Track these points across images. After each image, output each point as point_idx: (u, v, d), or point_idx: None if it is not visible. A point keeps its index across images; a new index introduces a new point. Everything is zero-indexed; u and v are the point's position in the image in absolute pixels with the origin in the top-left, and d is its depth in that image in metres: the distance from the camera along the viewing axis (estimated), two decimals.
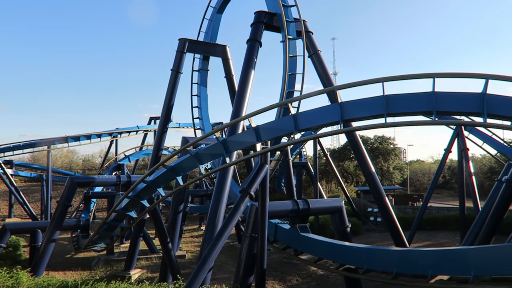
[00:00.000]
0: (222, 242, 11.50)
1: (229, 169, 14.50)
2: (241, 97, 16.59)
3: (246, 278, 12.01)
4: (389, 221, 18.54)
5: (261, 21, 18.22)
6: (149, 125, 44.12)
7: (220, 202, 14.05)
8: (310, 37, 19.44)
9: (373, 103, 10.34)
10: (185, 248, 26.06)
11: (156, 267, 20.78)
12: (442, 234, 29.18)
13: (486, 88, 9.53)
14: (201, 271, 10.94)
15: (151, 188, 13.63)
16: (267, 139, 11.64)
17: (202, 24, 24.74)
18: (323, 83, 19.49)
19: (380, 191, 18.62)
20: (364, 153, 19.12)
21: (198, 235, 31.51)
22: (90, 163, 71.74)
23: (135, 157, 41.56)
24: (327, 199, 20.10)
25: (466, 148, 24.31)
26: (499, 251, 8.78)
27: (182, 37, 22.42)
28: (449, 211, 34.09)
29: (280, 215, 14.50)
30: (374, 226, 33.05)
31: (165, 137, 22.58)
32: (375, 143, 59.14)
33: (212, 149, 12.15)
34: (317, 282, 18.29)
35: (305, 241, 14.24)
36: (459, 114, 11.29)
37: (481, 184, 43.51)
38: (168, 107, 22.23)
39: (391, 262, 11.05)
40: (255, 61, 17.51)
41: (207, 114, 25.04)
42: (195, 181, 14.19)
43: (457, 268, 9.38)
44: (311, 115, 11.12)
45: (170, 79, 22.30)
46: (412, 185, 62.94)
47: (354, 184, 53.18)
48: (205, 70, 25.07)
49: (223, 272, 19.86)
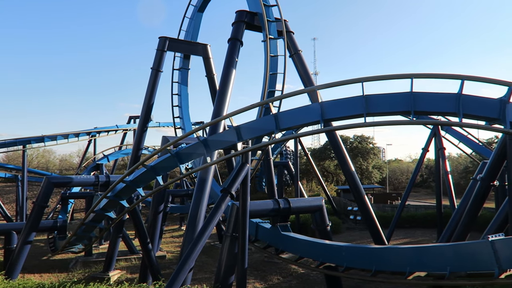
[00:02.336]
0: (203, 242, 11.43)
1: (210, 169, 14.43)
2: (222, 97, 16.52)
3: (227, 278, 11.97)
4: (369, 220, 18.81)
5: (242, 21, 18.19)
6: (128, 124, 43.47)
7: (201, 201, 13.96)
8: (291, 37, 19.53)
9: (353, 103, 10.48)
10: (165, 248, 25.81)
11: (136, 268, 20.51)
12: (420, 232, 29.80)
13: (461, 88, 9.78)
14: (181, 271, 10.84)
15: (130, 188, 13.44)
16: (248, 138, 11.64)
17: (182, 22, 24.57)
18: (303, 82, 19.61)
19: (360, 190, 18.86)
20: (344, 153, 19.33)
21: (178, 235, 31.26)
22: (68, 163, 70.27)
23: (114, 156, 40.88)
24: (307, 198, 20.23)
25: (442, 148, 24.86)
26: (473, 248, 9.01)
27: (162, 35, 22.20)
28: (426, 209, 34.84)
29: (261, 215, 14.51)
30: (354, 224, 33.48)
31: (145, 137, 22.29)
32: (355, 142, 59.97)
33: (193, 148, 12.06)
34: (298, 280, 18.40)
35: (286, 240, 14.30)
36: (436, 114, 11.54)
37: (457, 183, 44.59)
38: (148, 106, 21.95)
39: (370, 260, 11.21)
40: (236, 60, 17.48)
41: (188, 113, 24.86)
42: (176, 180, 14.07)
43: (434, 264, 9.59)
44: (292, 115, 11.18)
45: (150, 77, 22.04)
46: (390, 183, 64.03)
47: (334, 183, 53.79)
48: (186, 69, 24.88)
49: (203, 272, 19.76)
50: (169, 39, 22.35)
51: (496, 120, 9.94)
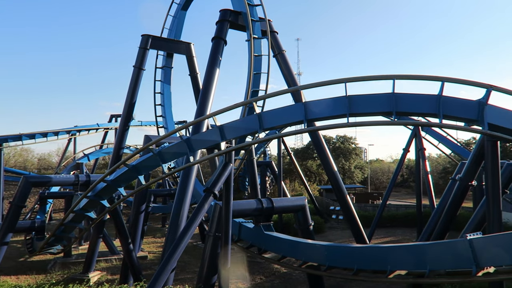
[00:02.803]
0: (185, 242, 11.34)
1: (193, 168, 14.33)
2: (205, 96, 16.42)
3: (210, 278, 11.91)
4: (351, 219, 18.98)
5: (226, 19, 18.12)
6: (110, 123, 42.76)
7: (184, 201, 13.85)
8: (275, 37, 19.55)
9: (336, 103, 10.55)
10: (147, 248, 25.52)
11: (116, 269, 20.21)
12: (401, 231, 30.27)
13: (442, 90, 9.95)
14: (163, 272, 10.74)
15: (111, 187, 13.22)
16: (232, 138, 11.58)
17: (166, 20, 24.32)
18: (287, 82, 19.66)
19: (342, 190, 19.03)
20: (326, 153, 19.46)
21: (160, 235, 30.95)
22: (47, 162, 68.69)
23: (94, 155, 40.17)
24: (290, 198, 20.29)
25: (423, 148, 25.32)
26: (452, 246, 9.18)
27: (145, 33, 21.95)
28: (407, 208, 35.43)
29: (244, 214, 14.49)
30: (336, 223, 33.78)
31: (127, 136, 22.00)
32: (338, 142, 60.57)
33: (176, 147, 11.94)
34: (281, 280, 18.45)
35: (268, 239, 14.31)
36: (417, 115, 11.71)
37: (436, 183, 45.47)
38: (130, 105, 21.66)
39: (352, 259, 11.31)
40: (220, 59, 17.40)
41: (171, 112, 24.63)
42: (158, 180, 13.94)
43: (414, 263, 9.74)
44: (276, 114, 11.18)
45: (132, 76, 21.76)
46: (372, 183, 64.90)
47: (317, 182, 54.17)
48: (169, 67, 24.64)
49: (186, 272, 19.62)
50: (152, 37, 22.12)
51: (474, 122, 10.16)
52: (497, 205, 10.80)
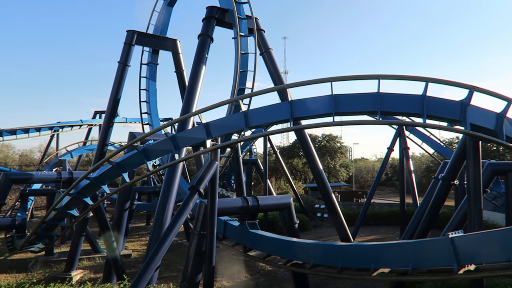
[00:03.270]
0: (170, 240, 11.25)
1: (178, 166, 14.21)
2: (191, 93, 16.29)
3: (195, 276, 11.85)
4: (335, 217, 19.13)
5: (212, 17, 18.00)
6: (94, 120, 42.20)
7: (168, 199, 13.74)
8: (262, 35, 19.52)
9: (322, 102, 10.59)
10: (131, 247, 25.27)
11: (99, 267, 19.96)
12: (384, 229, 30.63)
13: (426, 90, 10.08)
14: (147, 270, 10.63)
15: (95, 185, 13.03)
16: (218, 135, 11.53)
17: (151, 16, 24.03)
18: (274, 81, 19.66)
19: (327, 188, 19.14)
20: (312, 151, 19.55)
21: (145, 233, 30.69)
22: (28, 159, 67.35)
23: (78, 152, 39.59)
24: (276, 196, 20.34)
25: (407, 147, 25.62)
26: (434, 244, 9.31)
27: (130, 29, 21.66)
28: (390, 206, 35.87)
29: (230, 212, 14.45)
30: (321, 222, 34.00)
31: (111, 132, 21.70)
32: (323, 141, 60.96)
33: (161, 145, 11.83)
34: (266, 278, 18.49)
35: (254, 237, 14.29)
36: (401, 114, 11.85)
37: (420, 181, 46.22)
38: (114, 101, 21.36)
39: (337, 257, 11.37)
40: (207, 56, 17.29)
41: (156, 109, 24.41)
42: (143, 178, 13.77)
43: (397, 261, 9.84)
44: (262, 113, 11.17)
45: (117, 72, 21.46)
46: (357, 182, 65.54)
47: (302, 181, 54.42)
48: (154, 64, 24.40)
49: (170, 270, 19.49)
50: (137, 32, 21.85)
51: (457, 122, 10.33)
52: (478, 204, 11.01)
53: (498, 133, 10.25)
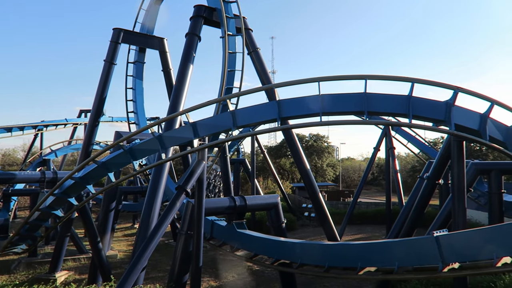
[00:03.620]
0: (156, 240, 11.15)
1: (165, 166, 14.11)
2: (178, 92, 16.19)
3: (181, 276, 11.78)
4: (322, 217, 19.24)
5: (200, 15, 17.92)
6: (79, 119, 41.62)
7: (155, 199, 13.62)
8: (250, 34, 19.51)
9: (310, 101, 10.62)
10: (117, 247, 24.99)
11: (85, 268, 19.68)
12: (370, 228, 30.92)
13: (412, 91, 10.19)
14: (133, 271, 10.52)
15: (80, 185, 12.82)
16: (205, 135, 11.47)
17: (138, 14, 23.83)
18: (261, 80, 19.67)
19: (315, 188, 19.23)
20: (299, 151, 19.62)
21: (131, 233, 30.39)
22: (11, 158, 66.06)
23: (62, 152, 39.00)
24: (263, 196, 20.37)
25: (393, 147, 25.92)
26: (420, 243, 9.43)
27: (116, 27, 21.42)
28: (376, 206, 36.22)
29: (217, 212, 14.40)
30: (308, 221, 34.14)
31: (97, 131, 21.47)
32: (310, 141, 61.23)
33: (147, 144, 11.71)
34: (253, 277, 18.49)
35: (241, 237, 14.27)
36: (387, 114, 11.96)
37: (405, 181, 46.70)
38: (100, 100, 21.11)
39: (323, 256, 11.43)
40: (194, 55, 17.20)
41: (143, 108, 24.21)
42: (129, 177, 13.65)
43: (383, 260, 9.93)
44: (250, 112, 11.15)
45: (103, 70, 21.21)
46: (343, 181, 66.01)
47: (289, 180, 54.57)
48: (141, 62, 24.20)
49: (157, 271, 19.34)
50: (123, 31, 21.63)
51: (442, 122, 10.47)
52: (462, 203, 11.19)
53: (482, 133, 10.44)
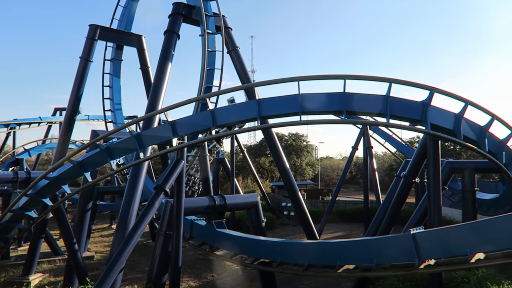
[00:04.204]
0: (134, 241, 10.98)
1: (143, 165, 13.89)
2: (157, 90, 15.97)
3: (160, 277, 11.65)
4: (302, 215, 19.36)
5: (179, 13, 17.72)
6: (53, 117, 40.44)
7: (133, 199, 13.40)
8: (229, 33, 19.43)
9: (289, 101, 10.66)
10: (93, 248, 24.51)
11: (60, 270, 19.21)
12: (349, 226, 31.33)
13: (389, 91, 10.35)
14: (111, 272, 10.32)
15: (54, 185, 12.49)
16: (184, 134, 11.36)
17: (115, 11, 23.38)
18: (241, 79, 19.62)
19: (294, 186, 19.33)
20: (279, 150, 19.68)
21: (108, 234, 29.87)
22: None
23: (36, 151, 37.96)
24: (243, 195, 20.32)
25: (370, 146, 26.32)
26: (397, 241, 9.61)
27: (93, 23, 20.94)
28: (355, 204, 36.73)
29: (196, 212, 14.29)
30: (287, 220, 34.31)
31: (72, 130, 20.93)
32: (290, 140, 61.57)
33: (125, 143, 11.50)
34: (232, 277, 18.44)
35: (221, 237, 14.22)
36: (365, 114, 12.12)
37: (382, 179, 47.53)
38: (76, 98, 20.59)
39: (303, 255, 11.51)
40: (173, 53, 16.99)
41: (120, 106, 23.75)
42: (106, 177, 13.38)
43: (361, 257, 10.07)
44: (229, 111, 11.12)
45: (79, 67, 20.68)
46: (322, 180, 66.66)
47: (269, 179, 54.72)
48: (119, 60, 23.73)
49: (135, 272, 19.07)
50: (100, 27, 21.14)
51: (418, 122, 10.69)
52: (437, 201, 11.46)
53: (456, 132, 10.71)
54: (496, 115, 11.19)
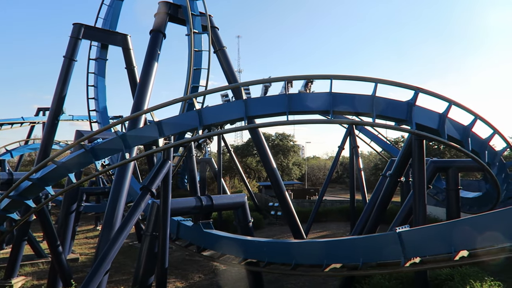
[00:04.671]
0: (120, 242, 10.85)
1: (129, 165, 13.73)
2: (143, 90, 15.80)
3: (146, 279, 11.54)
4: (289, 215, 19.41)
5: (165, 12, 17.57)
6: (36, 117, 39.75)
7: (119, 200, 13.23)
8: (216, 32, 19.36)
9: (276, 101, 10.67)
10: (78, 250, 24.14)
11: (44, 273, 18.86)
12: (335, 225, 31.51)
13: (375, 91, 10.44)
14: (96, 274, 10.18)
15: (38, 186, 12.23)
16: (170, 134, 11.27)
17: (100, 9, 23.06)
18: (228, 79, 19.57)
19: (281, 186, 19.36)
20: (266, 150, 19.68)
21: (93, 235, 29.45)
22: None
23: (19, 152, 37.24)
24: (230, 195, 20.29)
25: (356, 146, 26.52)
26: (383, 239, 9.70)
27: (77, 22, 20.62)
28: (341, 203, 36.94)
29: (183, 212, 14.21)
30: (274, 219, 34.34)
31: (56, 130, 20.57)
32: (276, 140, 61.69)
33: (110, 143, 11.35)
34: (220, 277, 18.38)
35: (208, 237, 14.16)
36: (352, 114, 12.20)
37: (368, 179, 47.95)
38: (59, 98, 20.24)
39: (290, 254, 11.53)
40: (159, 53, 16.84)
41: (105, 106, 23.46)
42: (91, 178, 13.18)
43: (348, 256, 10.13)
44: (216, 111, 11.07)
45: (63, 67, 20.33)
46: (309, 180, 66.95)
47: (256, 179, 54.72)
48: (103, 59, 23.43)
49: (121, 274, 18.85)
50: (84, 26, 20.82)
51: (404, 121, 10.81)
52: (422, 199, 11.61)
53: (441, 132, 10.87)
54: (479, 115, 11.39)
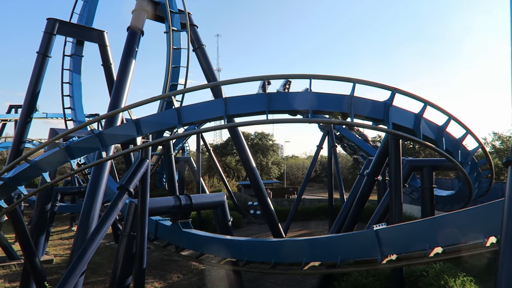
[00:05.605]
0: (96, 243, 10.63)
1: (106, 164, 13.44)
2: (120, 88, 15.50)
3: (124, 280, 11.35)
4: (268, 214, 19.45)
5: (143, 9, 17.30)
6: (8, 114, 38.52)
7: (95, 200, 12.94)
8: (195, 30, 19.20)
9: (256, 99, 10.65)
10: (53, 251, 23.55)
11: (16, 275, 18.32)
12: (314, 223, 31.84)
13: (353, 91, 10.57)
14: (71, 276, 9.94)
15: (9, 186, 11.83)
16: (149, 132, 11.11)
17: (75, 5, 22.51)
18: (207, 78, 19.45)
19: (260, 185, 19.38)
20: (245, 149, 19.66)
21: (68, 236, 28.81)
22: None
23: None
24: (209, 194, 20.16)
25: (335, 145, 26.84)
26: (360, 237, 9.86)
27: (51, 17, 20.05)
28: (319, 202, 37.34)
29: (162, 212, 14.05)
30: (254, 218, 34.42)
31: (29, 128, 19.94)
32: (256, 139, 61.83)
33: (86, 142, 11.09)
34: (199, 277, 18.27)
35: (187, 237, 14.07)
36: (330, 113, 12.32)
37: (346, 178, 48.65)
38: (33, 95, 19.63)
39: (269, 253, 11.58)
40: (136, 50, 16.56)
41: (81, 104, 22.91)
42: (66, 177, 12.83)
43: (327, 254, 10.25)
44: (195, 109, 10.96)
45: (36, 63, 19.71)
46: (288, 179, 67.36)
47: (235, 178, 54.69)
48: (79, 56, 22.86)
49: (97, 275, 18.48)
50: (59, 21, 20.25)
51: (381, 121, 10.99)
52: (398, 198, 11.84)
53: (416, 132, 11.10)
54: (452, 115, 11.68)
